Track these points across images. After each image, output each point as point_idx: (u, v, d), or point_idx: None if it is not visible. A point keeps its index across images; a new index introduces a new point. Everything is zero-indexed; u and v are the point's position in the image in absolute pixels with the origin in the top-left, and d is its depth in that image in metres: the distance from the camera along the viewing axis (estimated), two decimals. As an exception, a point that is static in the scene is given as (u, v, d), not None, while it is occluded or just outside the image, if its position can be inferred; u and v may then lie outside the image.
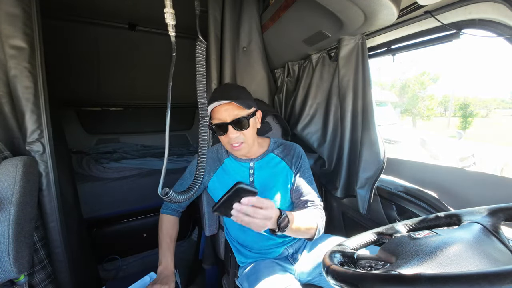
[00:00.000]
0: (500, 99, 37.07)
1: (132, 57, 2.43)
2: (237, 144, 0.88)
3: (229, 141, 0.88)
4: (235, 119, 0.85)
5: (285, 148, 1.01)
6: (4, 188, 0.74)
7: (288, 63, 1.44)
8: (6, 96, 0.91)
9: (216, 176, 0.97)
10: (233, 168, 0.98)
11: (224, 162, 0.99)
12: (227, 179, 0.96)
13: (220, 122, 0.86)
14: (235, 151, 0.91)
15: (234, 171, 0.97)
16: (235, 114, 0.85)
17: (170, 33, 0.63)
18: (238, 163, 0.98)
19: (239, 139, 0.87)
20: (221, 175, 0.98)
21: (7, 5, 0.85)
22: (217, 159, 1.01)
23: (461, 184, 1.02)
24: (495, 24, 0.70)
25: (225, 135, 0.87)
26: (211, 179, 0.97)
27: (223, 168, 0.99)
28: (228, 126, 0.85)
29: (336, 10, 0.86)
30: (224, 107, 0.85)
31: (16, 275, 0.74)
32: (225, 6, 1.29)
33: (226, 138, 0.88)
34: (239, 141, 0.88)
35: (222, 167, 0.99)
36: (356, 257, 0.49)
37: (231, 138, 0.86)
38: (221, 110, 0.85)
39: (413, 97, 21.15)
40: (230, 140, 0.87)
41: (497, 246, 0.44)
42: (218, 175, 0.98)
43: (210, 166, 0.98)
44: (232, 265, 1.00)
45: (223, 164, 0.99)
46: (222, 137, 0.89)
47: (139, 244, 2.06)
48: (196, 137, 3.37)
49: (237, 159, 0.98)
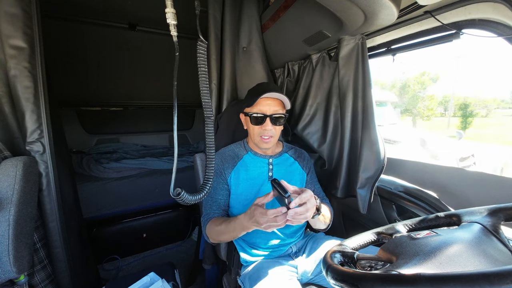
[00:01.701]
0: (500, 99, 37.06)
1: (132, 57, 2.44)
2: (266, 137, 0.95)
3: (261, 132, 0.95)
4: (275, 114, 0.93)
5: (296, 151, 1.12)
6: (4, 188, 0.74)
7: (288, 63, 1.44)
8: (6, 96, 0.91)
9: (234, 172, 0.99)
10: (253, 163, 1.02)
11: (243, 158, 1.03)
12: (247, 173, 1.00)
13: (260, 113, 0.93)
14: (263, 143, 0.97)
15: (254, 166, 1.01)
16: (275, 110, 0.93)
17: (172, 33, 0.63)
18: (258, 158, 1.03)
19: (270, 133, 0.95)
20: (240, 170, 1.00)
21: (7, 5, 0.85)
22: (235, 156, 1.03)
23: (461, 184, 1.02)
24: (495, 24, 0.70)
25: (260, 126, 0.94)
26: (230, 175, 0.99)
27: (242, 163, 1.01)
28: (267, 118, 0.93)
29: (336, 10, 0.86)
30: (267, 100, 0.93)
31: (16, 275, 0.74)
32: (225, 6, 1.29)
33: (259, 129, 0.95)
34: (270, 135, 0.95)
35: (241, 163, 1.01)
36: (356, 257, 0.49)
37: (265, 130, 0.94)
38: (264, 103, 0.93)
39: (413, 97, 21.18)
40: (263, 132, 0.94)
41: (497, 246, 0.44)
42: (236, 170, 1.00)
43: (228, 163, 1.00)
44: (235, 264, 1.00)
45: (242, 160, 1.02)
46: (256, 127, 0.96)
47: (139, 244, 2.06)
48: (196, 137, 3.38)
49: (257, 155, 1.03)
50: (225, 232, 0.83)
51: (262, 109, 0.93)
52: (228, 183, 0.99)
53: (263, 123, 0.94)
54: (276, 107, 0.94)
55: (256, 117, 0.94)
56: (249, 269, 0.95)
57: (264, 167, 1.02)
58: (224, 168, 0.99)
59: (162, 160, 2.42)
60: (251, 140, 1.04)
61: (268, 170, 1.01)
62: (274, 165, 1.03)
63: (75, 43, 2.15)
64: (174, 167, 0.60)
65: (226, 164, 1.00)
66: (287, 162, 1.07)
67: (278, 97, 0.93)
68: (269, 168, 1.02)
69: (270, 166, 1.02)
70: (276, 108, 0.94)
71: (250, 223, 0.70)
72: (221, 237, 0.89)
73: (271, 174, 1.01)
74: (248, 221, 0.71)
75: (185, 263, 1.93)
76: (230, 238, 0.88)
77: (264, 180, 1.00)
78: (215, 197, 0.97)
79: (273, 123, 0.94)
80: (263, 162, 1.02)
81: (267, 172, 1.01)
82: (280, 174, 1.02)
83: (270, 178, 1.00)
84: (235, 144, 1.09)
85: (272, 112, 0.93)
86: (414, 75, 22.01)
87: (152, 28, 2.17)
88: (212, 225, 0.90)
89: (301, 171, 1.08)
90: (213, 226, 0.89)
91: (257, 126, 0.95)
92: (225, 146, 1.10)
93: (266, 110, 0.93)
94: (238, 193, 0.98)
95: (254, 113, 0.94)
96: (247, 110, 0.98)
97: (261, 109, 0.93)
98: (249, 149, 1.05)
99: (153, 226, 2.10)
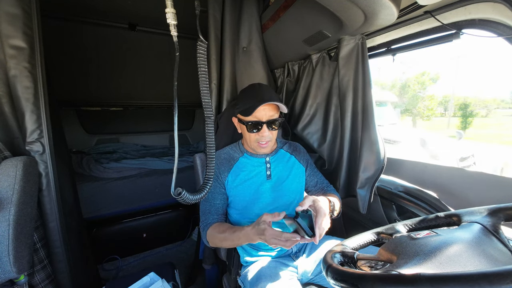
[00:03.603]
0: (500, 99, 37.02)
1: (132, 57, 2.43)
2: (264, 142, 0.94)
3: (259, 139, 0.94)
4: (271, 120, 0.92)
5: (291, 145, 1.12)
6: (4, 188, 0.74)
7: (288, 63, 1.44)
8: (6, 96, 0.91)
9: (231, 175, 0.99)
10: (249, 163, 1.01)
11: (239, 160, 1.02)
12: (244, 174, 0.99)
13: (256, 120, 0.91)
14: (261, 148, 0.97)
15: (251, 166, 1.01)
16: (271, 115, 0.92)
17: (172, 33, 0.63)
18: (255, 158, 1.02)
19: (268, 138, 0.94)
20: (237, 172, 0.99)
21: (7, 5, 0.85)
22: (230, 159, 1.03)
23: (461, 184, 1.02)
24: (495, 24, 0.70)
25: (257, 133, 0.93)
26: (227, 178, 0.99)
27: (238, 165, 1.01)
28: (263, 125, 0.91)
29: (336, 10, 0.86)
30: (262, 107, 0.89)
31: (16, 275, 0.74)
32: (225, 6, 1.29)
33: (257, 136, 0.94)
34: (267, 140, 0.94)
35: (237, 165, 1.01)
36: (356, 257, 0.49)
37: (263, 136, 0.93)
38: (260, 109, 0.89)
39: (413, 97, 21.17)
40: (261, 138, 0.93)
41: (497, 246, 0.44)
42: (233, 173, 0.99)
43: (224, 167, 1.00)
44: (235, 264, 1.00)
45: (238, 162, 1.02)
46: (252, 134, 0.94)
47: (139, 244, 2.06)
48: (196, 137, 3.38)
49: (253, 155, 1.02)
50: (229, 240, 0.83)
51: (257, 116, 0.90)
52: (225, 187, 0.99)
53: (260, 130, 0.92)
54: (272, 111, 0.91)
55: (252, 125, 0.92)
56: (249, 269, 0.95)
57: (261, 166, 1.01)
58: (220, 172, 0.98)
59: (162, 160, 2.42)
60: (246, 143, 1.03)
61: (266, 169, 1.01)
62: (271, 163, 1.02)
63: (75, 43, 2.14)
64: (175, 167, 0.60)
65: (222, 168, 0.99)
66: (284, 158, 1.06)
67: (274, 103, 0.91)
68: (266, 167, 1.01)
69: (268, 164, 1.01)
70: (272, 113, 0.92)
71: (257, 237, 0.72)
72: (223, 243, 0.89)
73: (269, 172, 1.00)
74: (254, 235, 0.73)
75: (185, 263, 1.93)
76: (233, 245, 0.89)
77: (262, 180, 0.99)
78: (213, 202, 0.96)
79: (269, 128, 0.93)
80: (260, 161, 1.02)
81: (265, 171, 1.01)
82: (277, 171, 1.02)
83: (269, 177, 0.99)
84: (230, 147, 1.08)
85: (268, 118, 0.91)
86: (414, 75, 21.98)
87: (152, 28, 2.17)
88: (214, 232, 0.89)
89: (299, 166, 1.07)
90: (215, 233, 0.88)
91: (254, 133, 0.94)
92: (222, 148, 1.09)
93: (262, 117, 0.90)
94: (236, 195, 0.98)
95: (250, 121, 0.91)
96: (241, 117, 0.94)
97: (256, 116, 0.90)
98: (244, 150, 1.04)
99: (153, 226, 2.10)
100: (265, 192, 0.98)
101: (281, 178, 1.02)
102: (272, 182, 1.00)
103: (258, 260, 0.98)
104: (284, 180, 1.02)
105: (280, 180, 1.01)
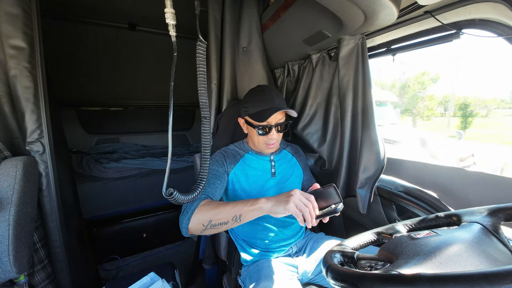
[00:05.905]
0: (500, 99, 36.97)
1: (132, 57, 2.43)
2: (272, 144, 0.98)
3: (267, 141, 0.97)
4: (279, 123, 0.95)
5: (293, 148, 1.17)
6: (4, 188, 0.74)
7: (288, 63, 1.44)
8: (6, 96, 0.91)
9: (236, 168, 1.00)
10: (255, 161, 1.04)
11: (245, 156, 1.04)
12: (249, 170, 1.01)
13: (266, 125, 0.93)
14: (268, 149, 1.00)
15: (256, 163, 1.04)
16: (279, 118, 0.95)
17: (171, 33, 0.63)
18: (260, 157, 1.05)
19: (275, 140, 0.97)
20: (242, 168, 1.01)
21: (7, 5, 0.85)
22: (237, 154, 1.04)
23: (461, 184, 1.02)
24: (495, 24, 0.70)
25: (266, 136, 0.96)
26: (232, 171, 0.99)
27: (243, 161, 1.03)
28: (273, 128, 0.94)
29: (336, 10, 0.85)
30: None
31: (16, 275, 0.74)
32: (225, 6, 1.29)
33: (265, 138, 0.97)
34: (274, 142, 0.98)
35: (243, 160, 1.03)
36: (356, 257, 0.49)
37: (271, 139, 0.96)
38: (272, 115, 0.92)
39: (413, 97, 21.15)
40: (269, 140, 0.96)
41: (497, 246, 0.44)
42: (238, 167, 1.01)
43: (230, 159, 1.01)
44: (235, 263, 1.00)
45: (244, 157, 1.04)
46: (261, 136, 0.97)
47: (139, 244, 2.06)
48: (196, 137, 3.38)
49: (259, 154, 1.05)
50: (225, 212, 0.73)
51: (268, 121, 0.93)
52: (228, 177, 0.98)
53: (269, 133, 0.95)
54: (280, 115, 0.95)
55: (262, 129, 0.95)
56: (250, 269, 0.95)
57: (266, 164, 1.04)
58: (226, 162, 0.99)
59: (162, 160, 2.42)
60: (252, 143, 1.05)
61: (271, 166, 1.04)
62: (275, 161, 1.06)
63: (75, 43, 2.14)
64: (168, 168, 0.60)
65: (228, 160, 1.00)
66: (287, 157, 1.11)
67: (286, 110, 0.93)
68: (271, 165, 1.04)
69: (272, 163, 1.05)
70: (280, 117, 0.95)
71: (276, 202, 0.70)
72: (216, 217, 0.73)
73: (274, 170, 1.03)
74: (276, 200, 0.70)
75: (185, 263, 1.93)
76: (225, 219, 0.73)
77: (267, 177, 1.02)
78: (212, 180, 0.90)
79: (278, 131, 0.97)
80: (265, 159, 1.05)
81: (269, 168, 1.04)
82: (281, 170, 1.05)
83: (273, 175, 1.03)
84: (235, 144, 1.10)
85: (277, 121, 0.95)
86: (414, 75, 21.97)
87: (152, 28, 2.17)
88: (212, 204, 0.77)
89: (299, 167, 1.12)
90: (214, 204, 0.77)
91: (262, 136, 0.97)
92: (225, 146, 1.10)
93: (271, 121, 0.93)
94: (240, 189, 0.99)
95: (260, 126, 0.94)
96: (251, 121, 0.96)
97: (267, 121, 0.93)
98: (249, 149, 1.06)
99: (153, 226, 2.10)
100: (270, 189, 1.01)
101: (285, 177, 1.05)
102: (276, 179, 1.03)
103: (258, 260, 0.98)
104: (288, 179, 1.05)
105: (284, 178, 1.05)
